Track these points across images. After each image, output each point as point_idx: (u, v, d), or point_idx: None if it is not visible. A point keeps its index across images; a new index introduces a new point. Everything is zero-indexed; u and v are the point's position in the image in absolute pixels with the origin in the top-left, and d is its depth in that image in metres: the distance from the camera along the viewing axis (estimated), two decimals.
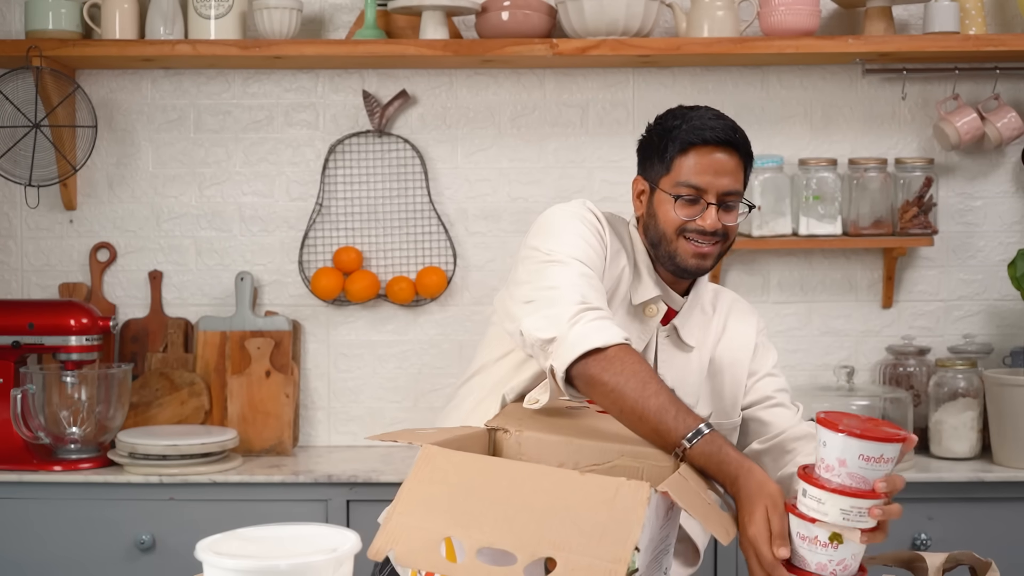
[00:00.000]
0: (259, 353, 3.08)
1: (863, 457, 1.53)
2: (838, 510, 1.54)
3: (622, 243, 2.03)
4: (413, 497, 1.51)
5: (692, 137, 1.94)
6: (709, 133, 1.94)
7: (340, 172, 3.17)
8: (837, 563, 1.56)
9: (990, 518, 2.82)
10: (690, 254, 1.96)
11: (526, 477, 1.55)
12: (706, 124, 1.95)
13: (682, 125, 1.96)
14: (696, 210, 1.95)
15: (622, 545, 1.42)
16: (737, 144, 1.96)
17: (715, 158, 1.94)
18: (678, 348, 2.04)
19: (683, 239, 1.96)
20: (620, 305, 2.01)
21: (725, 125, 1.97)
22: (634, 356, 1.76)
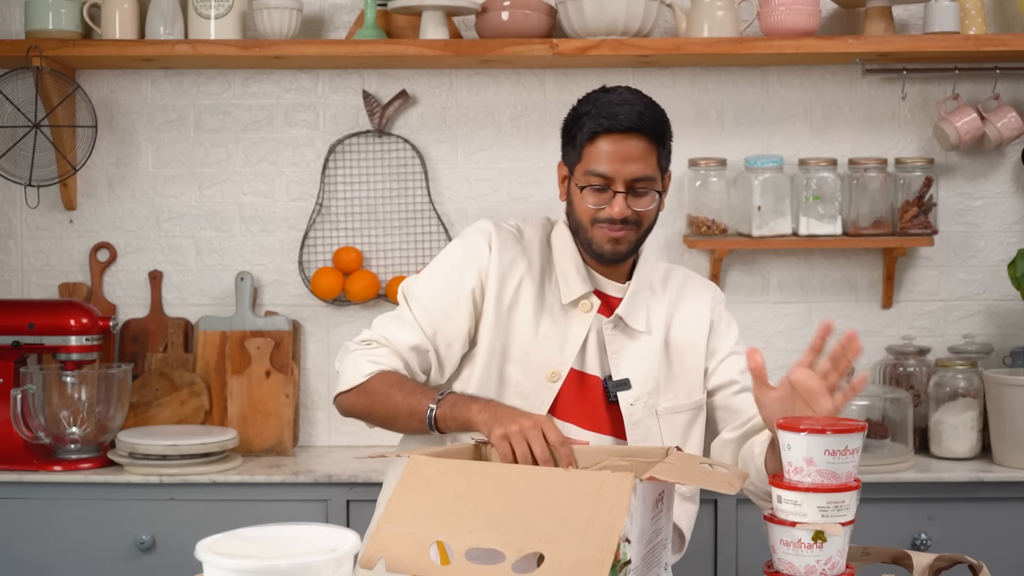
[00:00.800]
0: (259, 353, 3.08)
1: (829, 452, 1.56)
2: (816, 508, 1.56)
3: (522, 252, 2.05)
4: (400, 505, 1.52)
5: (597, 125, 1.94)
6: (615, 121, 1.93)
7: (340, 172, 3.17)
8: (825, 562, 1.57)
9: (990, 518, 2.82)
10: (604, 240, 1.98)
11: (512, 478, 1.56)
12: (613, 111, 1.94)
13: (591, 111, 1.96)
14: (605, 198, 1.96)
15: (608, 534, 1.43)
16: (645, 129, 1.94)
17: (622, 145, 1.94)
18: (628, 336, 2.03)
19: (597, 227, 1.98)
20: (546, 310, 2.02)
21: (633, 111, 1.95)
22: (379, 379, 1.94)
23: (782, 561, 1.59)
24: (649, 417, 2.00)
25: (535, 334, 2.00)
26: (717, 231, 3.07)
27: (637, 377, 2.00)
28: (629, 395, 2.00)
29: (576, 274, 2.03)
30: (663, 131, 1.99)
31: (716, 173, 3.10)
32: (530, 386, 1.99)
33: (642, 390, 2.00)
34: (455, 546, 1.45)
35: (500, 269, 2.02)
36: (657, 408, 2.01)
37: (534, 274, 2.04)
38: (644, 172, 1.95)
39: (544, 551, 1.43)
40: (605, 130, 1.93)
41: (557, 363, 1.99)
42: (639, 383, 2.00)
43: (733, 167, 3.11)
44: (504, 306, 2.02)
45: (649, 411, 2.00)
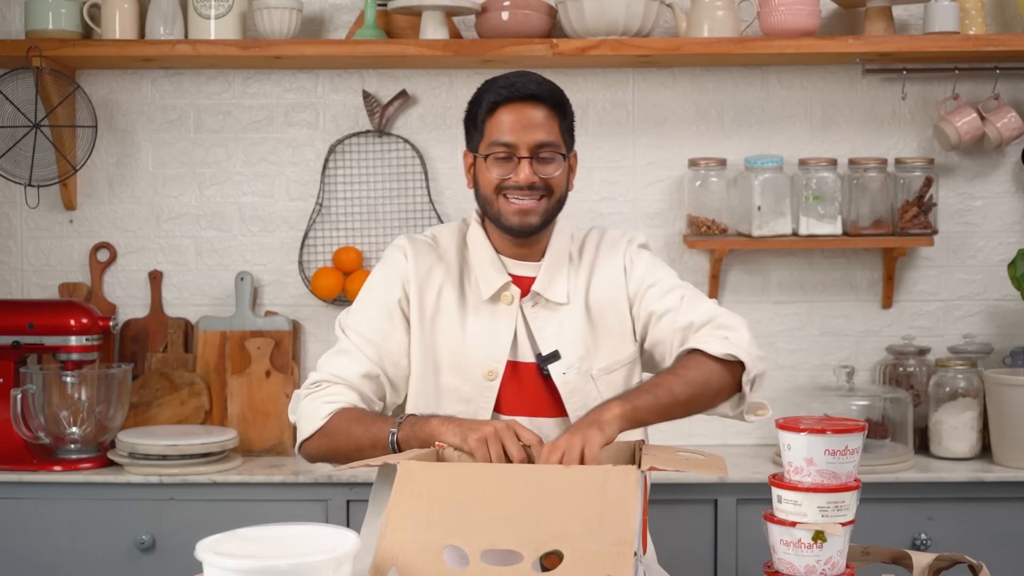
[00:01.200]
0: (259, 353, 3.08)
1: (829, 452, 1.57)
2: (816, 508, 1.56)
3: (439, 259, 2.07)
4: (402, 512, 1.52)
5: (496, 96, 1.98)
6: (511, 90, 1.98)
7: (340, 172, 3.17)
8: (825, 562, 1.57)
9: (990, 518, 2.82)
10: (511, 212, 1.99)
11: (513, 478, 1.56)
12: (510, 81, 1.99)
13: (488, 88, 2.01)
14: (510, 167, 1.98)
15: (624, 527, 1.43)
16: (543, 96, 1.99)
17: (522, 113, 1.97)
18: (550, 311, 2.03)
19: (503, 198, 2.00)
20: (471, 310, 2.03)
21: (529, 80, 2.00)
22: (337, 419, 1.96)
23: (782, 561, 1.59)
24: (585, 383, 2.00)
25: (464, 337, 2.02)
26: (717, 231, 3.07)
27: (565, 346, 2.01)
28: (560, 365, 2.00)
29: (491, 268, 2.04)
30: (563, 102, 2.03)
31: (716, 173, 3.10)
32: (470, 390, 2.00)
33: (572, 356, 2.01)
34: (469, 549, 1.45)
35: (418, 280, 2.04)
36: (592, 372, 2.01)
37: (453, 278, 2.05)
38: (547, 138, 1.98)
39: (562, 548, 1.43)
40: (505, 99, 1.98)
41: (492, 361, 2.00)
42: (568, 351, 2.01)
43: (733, 167, 3.12)
44: (428, 316, 2.04)
45: (584, 377, 2.00)
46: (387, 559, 1.46)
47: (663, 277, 2.08)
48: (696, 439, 3.18)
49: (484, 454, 1.73)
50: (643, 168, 3.20)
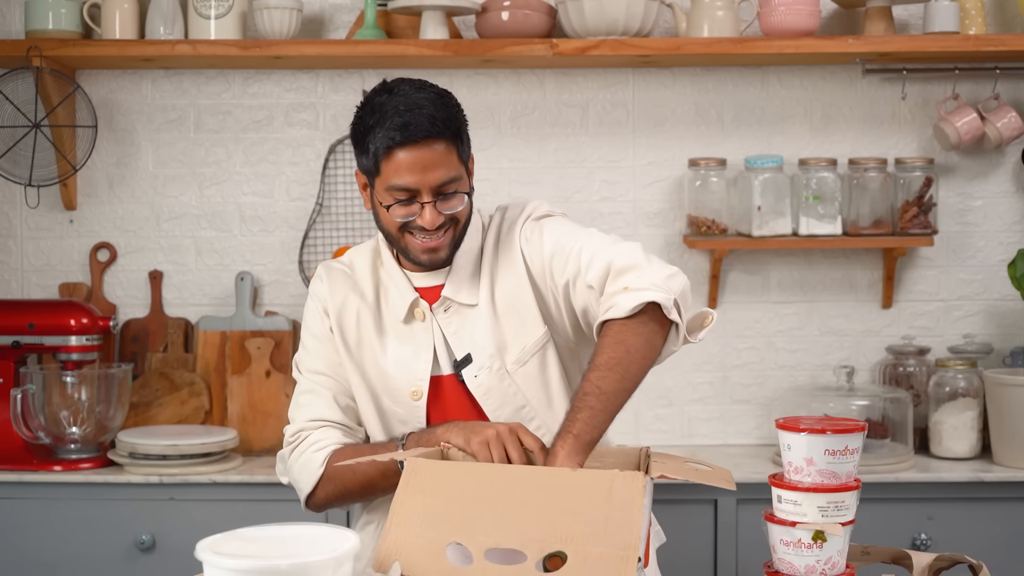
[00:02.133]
0: (259, 353, 3.08)
1: (829, 452, 1.57)
2: (816, 508, 1.56)
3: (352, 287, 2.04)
4: (407, 508, 1.51)
5: (390, 140, 1.85)
6: (404, 132, 1.84)
7: (340, 172, 3.17)
8: (825, 562, 1.57)
9: (990, 518, 2.82)
10: (419, 250, 1.94)
11: (517, 478, 1.56)
12: (402, 120, 1.85)
13: (377, 126, 1.87)
14: (414, 209, 1.89)
15: (629, 532, 1.43)
16: (439, 132, 1.86)
17: (419, 155, 1.86)
18: (461, 315, 1.99)
19: (409, 235, 1.93)
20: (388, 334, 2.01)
21: (423, 116, 1.85)
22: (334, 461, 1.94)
23: (782, 561, 1.59)
24: (500, 381, 1.96)
25: (387, 361, 1.99)
26: (717, 231, 3.07)
27: (476, 347, 1.97)
28: (471, 368, 1.96)
29: (395, 289, 2.00)
30: (458, 126, 1.91)
31: (716, 173, 3.10)
32: (403, 412, 1.99)
33: (483, 356, 1.96)
34: (472, 547, 1.45)
35: (336, 310, 2.02)
36: (506, 367, 1.96)
37: (368, 303, 2.02)
38: (448, 175, 1.88)
39: (567, 550, 1.43)
40: (399, 143, 1.85)
41: (415, 380, 1.98)
42: (478, 351, 1.97)
43: (733, 167, 3.12)
44: (352, 344, 2.02)
45: (498, 375, 1.96)
46: (390, 553, 1.46)
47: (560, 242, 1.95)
48: (696, 439, 3.19)
49: (486, 456, 1.71)
50: (643, 168, 3.19)
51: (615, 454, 1.77)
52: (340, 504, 2.00)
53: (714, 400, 3.21)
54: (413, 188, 1.87)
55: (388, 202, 1.90)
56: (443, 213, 1.90)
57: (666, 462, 1.67)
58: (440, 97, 1.91)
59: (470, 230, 2.01)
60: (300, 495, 2.00)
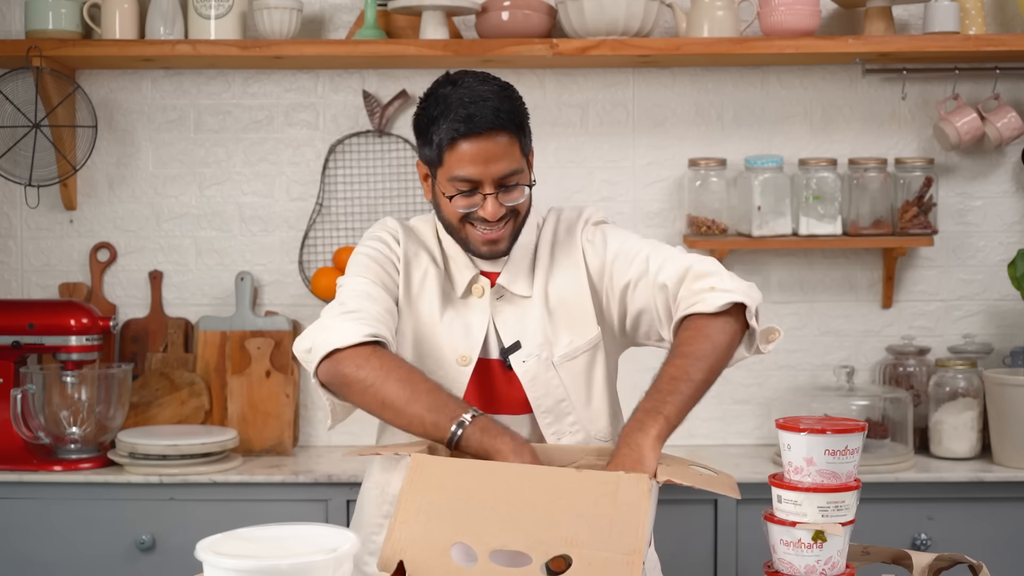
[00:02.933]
0: (259, 353, 3.08)
1: (829, 452, 1.57)
2: (816, 508, 1.56)
3: (423, 245, 2.04)
4: (412, 506, 1.51)
5: (455, 131, 1.87)
6: (472, 124, 1.86)
7: (340, 172, 3.17)
8: (825, 562, 1.57)
9: (990, 518, 2.82)
10: (480, 242, 1.95)
11: (524, 479, 1.55)
12: (467, 112, 1.87)
13: (442, 116, 1.89)
14: (475, 200, 1.91)
15: (634, 536, 1.43)
16: (504, 124, 1.88)
17: (483, 146, 1.87)
18: (513, 305, 2.00)
19: (470, 226, 1.94)
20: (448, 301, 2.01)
21: (487, 108, 1.87)
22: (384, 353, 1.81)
23: (782, 561, 1.59)
24: (546, 371, 1.97)
25: (441, 323, 1.98)
26: (717, 231, 3.07)
27: (525, 336, 1.98)
28: (520, 354, 1.97)
29: (461, 263, 2.02)
30: (521, 119, 1.93)
31: (716, 173, 3.10)
32: (443, 375, 1.96)
33: (532, 345, 1.97)
34: (477, 548, 1.45)
35: (406, 259, 2.01)
36: (553, 359, 1.98)
37: (437, 265, 2.03)
38: (511, 167, 1.90)
39: (571, 553, 1.43)
40: (463, 135, 1.87)
41: (465, 348, 1.97)
42: (528, 339, 1.98)
43: (733, 167, 3.12)
44: (412, 294, 2.00)
45: (544, 365, 1.97)
46: (395, 552, 1.46)
47: (624, 246, 2.00)
48: (697, 439, 3.18)
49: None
50: (643, 168, 3.20)
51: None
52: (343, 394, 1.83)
53: (714, 400, 3.20)
54: (476, 179, 1.89)
55: (451, 192, 1.91)
56: (504, 205, 1.92)
57: (671, 465, 1.66)
58: (503, 89, 1.93)
59: (527, 227, 2.04)
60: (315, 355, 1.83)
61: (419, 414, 1.75)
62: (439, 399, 1.77)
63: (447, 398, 1.78)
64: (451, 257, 2.03)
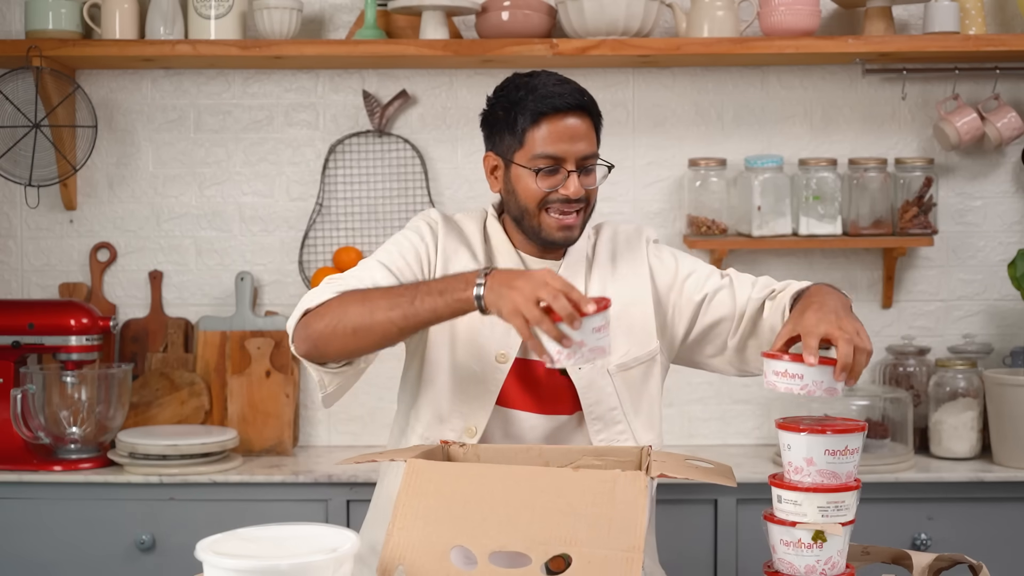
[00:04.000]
0: (259, 353, 3.08)
1: (829, 452, 1.57)
2: (816, 508, 1.56)
3: (464, 241, 2.04)
4: (409, 511, 1.51)
5: (542, 106, 1.93)
6: (558, 100, 1.93)
7: (340, 172, 3.17)
8: (825, 562, 1.57)
9: (990, 518, 2.82)
10: (555, 227, 1.97)
11: (520, 479, 1.55)
12: (552, 91, 1.94)
13: (528, 96, 1.95)
14: (557, 179, 1.94)
15: (633, 534, 1.43)
16: (587, 107, 1.96)
17: (568, 124, 1.93)
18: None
19: (545, 213, 1.96)
20: None
21: (572, 89, 1.96)
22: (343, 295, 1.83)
23: (782, 561, 1.59)
24: (601, 378, 1.98)
25: (480, 319, 1.96)
26: (717, 231, 3.07)
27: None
28: None
29: (509, 260, 2.02)
30: (599, 110, 2.01)
31: (716, 173, 3.10)
32: (480, 370, 1.97)
33: None
34: (476, 550, 1.45)
35: (445, 254, 2.02)
36: (608, 367, 1.99)
37: (478, 262, 2.03)
38: (590, 149, 1.96)
39: (571, 552, 1.43)
40: (552, 110, 1.93)
41: (504, 345, 1.98)
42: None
43: (733, 167, 3.12)
44: None
45: (600, 372, 1.98)
46: (394, 557, 1.46)
47: (694, 265, 2.08)
48: (697, 439, 3.19)
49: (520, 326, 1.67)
50: (643, 168, 3.20)
51: (616, 453, 1.77)
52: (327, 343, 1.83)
53: (714, 400, 3.21)
54: (560, 156, 1.93)
55: (536, 167, 1.93)
56: (583, 187, 1.95)
57: (666, 461, 1.67)
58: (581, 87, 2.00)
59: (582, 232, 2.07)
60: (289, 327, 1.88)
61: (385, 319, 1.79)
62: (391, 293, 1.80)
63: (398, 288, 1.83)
64: (498, 253, 2.03)
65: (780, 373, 1.64)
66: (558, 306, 1.63)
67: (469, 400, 1.97)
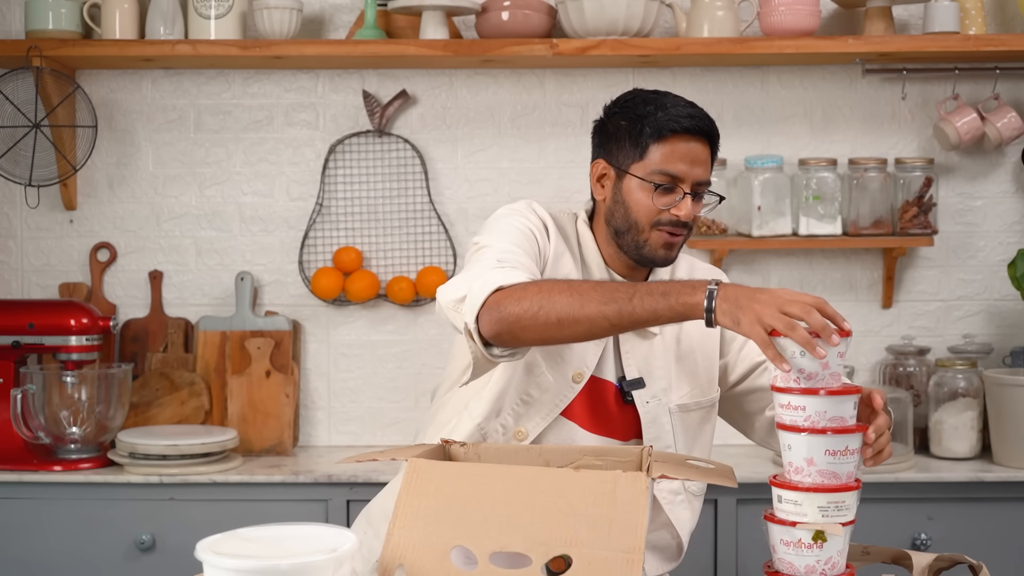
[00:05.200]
0: (259, 353, 3.08)
1: (829, 452, 1.57)
2: (816, 508, 1.56)
3: (567, 243, 2.01)
4: (410, 511, 1.51)
5: (672, 125, 1.91)
6: (688, 122, 1.91)
7: (340, 172, 3.17)
8: (825, 562, 1.57)
9: (990, 518, 2.82)
10: (660, 244, 1.94)
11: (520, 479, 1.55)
12: (683, 112, 1.92)
13: (657, 112, 1.92)
14: (672, 199, 1.92)
15: (633, 535, 1.43)
16: (712, 135, 1.95)
17: (691, 147, 1.92)
18: (642, 337, 1.99)
19: (656, 230, 1.93)
20: None
21: (702, 114, 1.95)
22: (541, 281, 1.77)
23: (782, 561, 1.59)
24: (663, 415, 1.98)
25: None
26: (717, 231, 3.07)
27: (651, 376, 1.98)
28: (644, 393, 1.97)
29: (599, 274, 2.00)
30: (718, 143, 1.99)
31: (716, 173, 3.08)
32: (553, 381, 1.95)
33: (656, 387, 1.98)
34: (477, 550, 1.45)
35: (555, 255, 1.98)
36: (670, 406, 1.99)
37: (578, 270, 2.00)
38: (706, 176, 1.94)
39: (571, 553, 1.43)
40: (682, 130, 1.91)
41: (582, 364, 1.95)
42: (652, 381, 1.98)
43: (733, 167, 3.11)
44: None
45: (662, 408, 1.98)
46: (394, 557, 1.46)
47: None
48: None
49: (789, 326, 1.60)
50: None
51: (617, 453, 1.77)
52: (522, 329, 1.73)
53: None
54: (679, 176, 1.91)
55: (654, 182, 1.90)
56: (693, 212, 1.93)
57: (667, 462, 1.67)
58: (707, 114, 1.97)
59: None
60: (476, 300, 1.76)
61: (597, 312, 1.70)
62: (608, 288, 1.73)
63: (614, 284, 1.76)
64: (591, 267, 2.00)
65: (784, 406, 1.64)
66: (813, 319, 1.60)
67: (534, 405, 1.95)
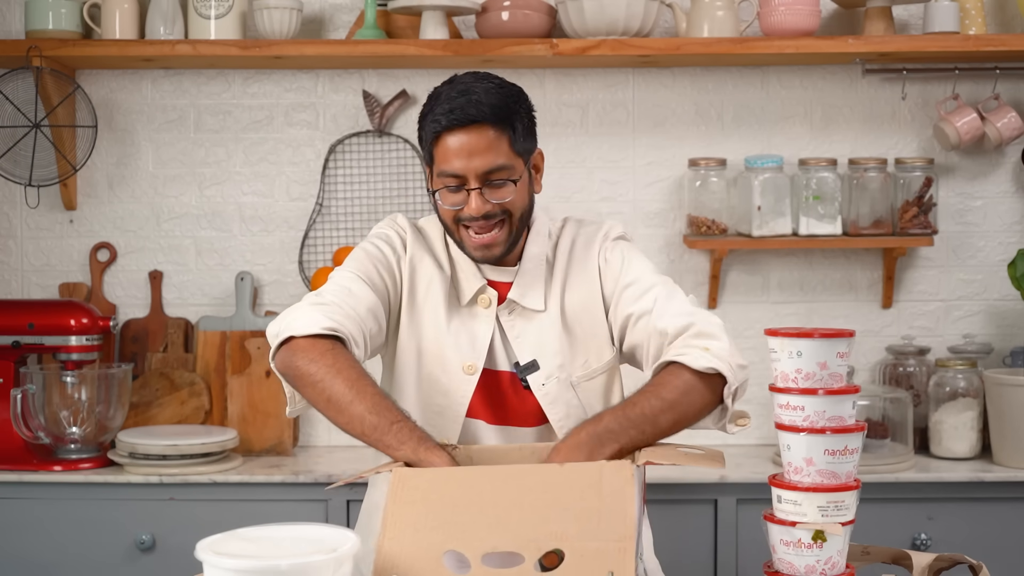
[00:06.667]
0: (259, 353, 3.08)
1: (828, 452, 1.57)
2: (816, 508, 1.56)
3: (429, 250, 2.01)
4: (399, 520, 1.51)
5: (435, 127, 1.87)
6: (447, 119, 1.85)
7: (340, 172, 3.17)
8: (825, 562, 1.57)
9: (990, 518, 2.82)
10: (473, 246, 1.93)
11: (505, 478, 1.56)
12: (448, 105, 1.86)
13: (427, 115, 1.89)
14: (461, 198, 1.89)
15: (622, 523, 1.43)
16: (485, 118, 1.86)
17: (464, 140, 1.86)
18: (526, 319, 1.97)
19: (463, 228, 1.92)
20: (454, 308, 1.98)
21: (467, 102, 1.86)
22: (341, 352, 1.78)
23: (782, 561, 1.59)
24: (566, 392, 1.95)
25: (447, 331, 1.96)
26: (717, 231, 3.07)
27: (543, 355, 1.96)
28: (539, 375, 1.95)
29: (468, 271, 1.99)
30: (509, 114, 1.89)
31: (716, 173, 3.10)
32: (448, 382, 1.95)
33: (551, 366, 1.95)
34: (469, 553, 1.45)
35: (411, 264, 1.99)
36: (571, 379, 1.96)
37: (443, 273, 2.00)
38: (495, 162, 1.86)
39: (563, 547, 1.43)
40: (445, 128, 1.85)
41: (471, 357, 1.95)
42: (546, 360, 1.95)
43: (733, 167, 3.12)
44: (419, 301, 1.98)
45: (564, 386, 1.96)
46: (387, 567, 1.46)
47: (638, 274, 1.96)
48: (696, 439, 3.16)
49: None
50: (643, 168, 3.20)
51: None
52: (296, 384, 1.83)
53: None
54: (459, 174, 1.87)
55: (438, 187, 1.89)
56: (490, 201, 1.88)
57: (655, 448, 1.67)
58: (499, 87, 1.91)
59: (537, 235, 2.00)
60: (274, 341, 1.86)
61: (360, 414, 1.74)
62: (382, 403, 1.75)
63: (390, 403, 1.77)
64: (458, 264, 2.00)
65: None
66: None
67: (440, 412, 1.95)
